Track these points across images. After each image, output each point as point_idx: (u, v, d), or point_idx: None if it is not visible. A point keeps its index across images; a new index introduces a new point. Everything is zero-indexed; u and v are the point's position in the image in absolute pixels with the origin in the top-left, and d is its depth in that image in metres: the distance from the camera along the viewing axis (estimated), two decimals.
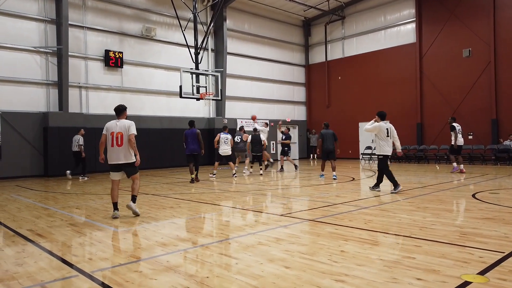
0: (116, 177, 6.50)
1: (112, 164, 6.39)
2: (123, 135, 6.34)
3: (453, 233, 4.80)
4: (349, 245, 4.37)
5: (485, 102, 17.71)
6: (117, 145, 6.31)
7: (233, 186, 10.92)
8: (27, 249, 4.57)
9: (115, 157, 6.34)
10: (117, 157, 6.33)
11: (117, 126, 6.39)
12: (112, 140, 6.33)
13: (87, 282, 3.42)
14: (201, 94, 15.77)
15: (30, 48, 14.91)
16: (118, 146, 6.32)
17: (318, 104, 25.02)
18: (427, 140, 19.67)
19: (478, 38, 17.84)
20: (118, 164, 6.37)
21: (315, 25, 25.17)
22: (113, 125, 6.42)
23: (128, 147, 6.36)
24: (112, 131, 6.36)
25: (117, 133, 6.33)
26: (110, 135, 6.35)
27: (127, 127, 6.38)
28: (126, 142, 6.34)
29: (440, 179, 11.22)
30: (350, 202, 7.49)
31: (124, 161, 6.36)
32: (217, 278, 3.43)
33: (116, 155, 6.33)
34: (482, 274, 3.34)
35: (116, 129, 6.36)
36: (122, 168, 6.44)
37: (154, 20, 18.46)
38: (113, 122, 6.47)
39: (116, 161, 6.34)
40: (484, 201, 7.25)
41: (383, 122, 9.06)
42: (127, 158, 6.37)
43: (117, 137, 6.32)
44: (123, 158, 6.34)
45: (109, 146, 6.36)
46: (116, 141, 6.32)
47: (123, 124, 6.41)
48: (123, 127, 6.38)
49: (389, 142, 8.98)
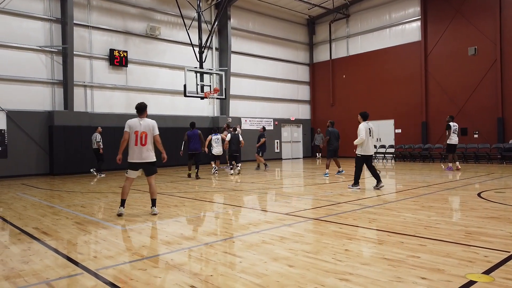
0: (133, 175, 6.49)
1: (132, 162, 6.37)
2: (147, 134, 6.34)
3: (458, 232, 4.77)
4: (353, 244, 4.36)
5: (491, 100, 17.59)
6: (141, 145, 6.30)
7: (237, 185, 10.92)
8: (32, 247, 4.61)
9: (137, 156, 6.32)
10: (139, 156, 6.31)
11: (141, 126, 6.36)
12: (136, 139, 6.30)
13: (92, 280, 3.43)
14: (205, 93, 15.79)
15: (36, 47, 15.00)
16: (142, 145, 6.30)
17: (323, 103, 24.96)
18: (432, 139, 19.57)
19: (484, 36, 17.71)
20: (139, 163, 6.37)
21: (320, 23, 25.10)
22: (137, 124, 6.37)
23: (151, 147, 6.39)
24: (136, 130, 6.32)
25: (142, 133, 6.31)
26: (134, 134, 6.30)
27: (151, 127, 6.40)
28: (150, 141, 6.37)
29: (445, 178, 11.17)
30: (354, 201, 7.47)
31: (146, 160, 6.37)
32: (221, 276, 3.44)
33: (139, 154, 6.31)
34: (487, 274, 3.32)
35: (141, 128, 6.33)
36: (141, 167, 6.44)
37: (158, 19, 18.50)
38: (136, 121, 6.40)
39: (138, 160, 6.33)
40: (489, 200, 7.21)
41: (366, 122, 9.18)
42: (149, 157, 6.40)
43: (141, 136, 6.30)
44: (145, 157, 6.35)
45: (132, 145, 6.32)
46: (140, 140, 6.30)
47: (147, 124, 6.40)
48: (147, 127, 6.37)
49: (371, 141, 9.20)
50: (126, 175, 6.50)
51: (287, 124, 24.29)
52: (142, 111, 6.50)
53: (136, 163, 6.38)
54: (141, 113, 6.49)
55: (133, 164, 6.39)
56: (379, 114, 21.62)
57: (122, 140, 6.38)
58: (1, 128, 14.11)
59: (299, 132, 25.06)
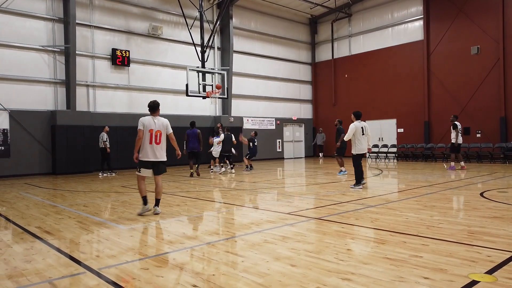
0: (146, 174, 6.39)
1: (146, 161, 6.29)
2: (162, 133, 6.31)
3: (460, 232, 4.76)
4: (356, 244, 4.35)
5: (494, 100, 17.52)
6: (156, 143, 6.26)
7: (239, 184, 10.93)
8: (35, 246, 4.62)
9: (151, 155, 6.26)
10: (153, 154, 6.26)
11: (156, 124, 6.30)
12: (151, 137, 6.23)
13: (95, 279, 3.44)
14: (207, 93, 15.80)
15: (38, 47, 15.04)
16: (157, 144, 6.26)
17: (325, 102, 24.94)
18: (434, 138, 19.53)
19: (487, 35, 17.65)
20: (151, 162, 6.30)
21: (322, 22, 25.07)
22: (151, 122, 6.30)
23: (164, 145, 6.36)
24: (151, 128, 6.25)
25: (156, 131, 6.27)
26: (149, 132, 6.23)
27: (165, 125, 6.39)
28: (164, 140, 6.34)
29: (448, 178, 11.14)
30: (356, 200, 7.46)
31: (160, 159, 6.33)
32: (223, 276, 3.44)
33: (153, 153, 6.26)
34: (490, 273, 3.31)
35: (155, 127, 6.28)
36: (153, 166, 6.36)
37: (160, 19, 18.51)
38: (150, 119, 6.34)
39: (152, 159, 6.27)
40: (492, 199, 7.19)
41: (358, 121, 9.33)
42: (162, 156, 6.37)
43: (156, 135, 6.25)
44: (159, 156, 6.31)
45: (146, 143, 6.24)
46: (155, 139, 6.25)
47: (161, 122, 6.37)
48: (161, 125, 6.34)
49: (364, 140, 9.32)
50: (138, 173, 6.39)
51: (289, 123, 24.28)
52: (155, 109, 6.45)
53: (149, 162, 6.30)
54: (154, 111, 6.43)
55: (146, 162, 6.30)
56: (381, 114, 21.59)
57: (137, 138, 6.27)
58: (4, 127, 14.16)
59: (301, 132, 25.04)
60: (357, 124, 9.24)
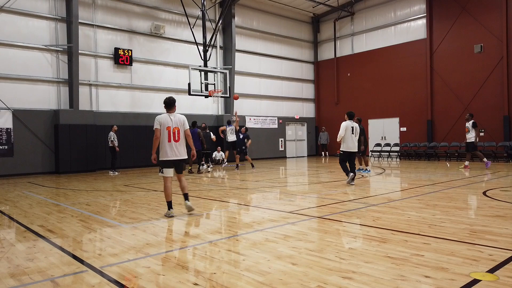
0: (170, 173, 6.17)
1: (167, 160, 6.07)
2: (180, 130, 6.10)
3: (462, 231, 4.75)
4: (357, 242, 4.35)
5: (497, 98, 17.45)
6: (175, 141, 6.04)
7: (241, 183, 10.94)
8: (38, 244, 4.64)
9: (172, 153, 6.04)
10: (175, 153, 6.05)
11: (172, 121, 6.09)
12: (169, 135, 6.02)
13: (97, 277, 3.46)
14: (209, 92, 15.82)
15: (41, 46, 15.09)
16: (176, 141, 6.05)
17: (327, 101, 24.90)
18: (437, 137, 19.47)
19: (490, 34, 17.56)
20: (173, 161, 6.08)
21: (324, 21, 25.02)
22: (168, 120, 6.09)
23: (184, 142, 6.16)
24: (168, 126, 6.04)
25: (174, 128, 6.06)
26: (166, 130, 6.03)
27: (182, 121, 6.18)
28: (183, 137, 6.15)
29: (450, 177, 11.10)
30: (358, 199, 7.46)
31: (181, 157, 6.11)
32: (225, 274, 3.45)
33: (173, 151, 6.04)
34: (492, 272, 3.30)
35: (173, 124, 6.07)
36: (175, 164, 6.16)
37: (163, 18, 18.53)
38: (167, 116, 6.13)
39: (174, 157, 6.05)
40: (495, 198, 7.16)
41: (350, 121, 9.79)
42: (183, 154, 6.16)
43: (174, 132, 6.04)
44: (181, 154, 6.10)
45: (165, 142, 6.03)
46: (174, 136, 6.04)
47: (178, 119, 6.16)
48: (178, 122, 6.13)
49: (354, 139, 9.68)
50: (161, 175, 6.16)
51: (292, 122, 24.25)
52: (171, 105, 6.23)
53: (170, 161, 6.07)
54: (170, 108, 6.21)
55: (167, 162, 6.08)
56: (384, 112, 21.54)
57: (154, 138, 6.08)
58: (7, 126, 14.22)
59: (303, 131, 25.02)
60: (348, 123, 9.71)
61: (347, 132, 9.59)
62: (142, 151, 16.99)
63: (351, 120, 9.80)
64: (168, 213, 6.17)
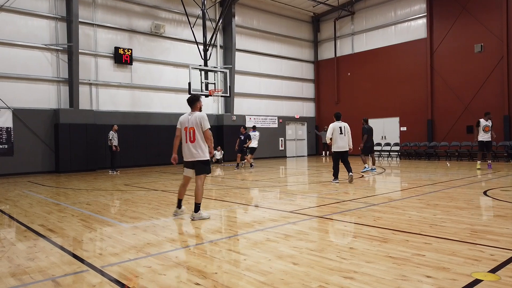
0: (188, 173, 5.95)
1: (184, 161, 5.92)
2: (195, 130, 5.74)
3: (463, 231, 4.74)
4: (358, 242, 4.35)
5: (497, 98, 17.44)
6: (190, 141, 5.76)
7: (242, 182, 10.93)
8: (38, 244, 4.64)
9: (187, 154, 5.80)
10: (189, 154, 5.78)
11: (189, 121, 5.81)
12: (186, 135, 5.79)
13: (98, 277, 3.45)
14: (210, 91, 15.80)
15: (41, 45, 15.08)
16: (191, 142, 5.76)
17: (327, 101, 24.90)
18: (437, 137, 19.46)
19: (491, 33, 17.56)
20: (190, 162, 5.84)
21: (324, 20, 25.00)
22: (186, 119, 5.86)
23: (201, 143, 5.76)
24: (186, 126, 5.82)
25: (190, 128, 5.76)
26: (184, 130, 5.83)
27: (198, 121, 5.76)
28: (199, 138, 5.75)
29: (451, 176, 11.10)
30: (359, 199, 7.45)
31: (196, 158, 5.76)
32: (225, 274, 3.44)
33: (188, 152, 5.79)
34: (493, 272, 3.29)
35: (189, 124, 5.79)
36: (192, 166, 5.86)
37: (163, 17, 18.51)
38: (186, 116, 5.90)
39: (189, 158, 5.80)
40: (495, 198, 7.16)
41: (337, 122, 10.07)
42: (199, 156, 5.76)
43: (189, 132, 5.76)
44: (195, 155, 5.76)
45: (183, 142, 5.86)
46: (189, 137, 5.76)
47: (195, 118, 5.79)
48: (194, 121, 5.77)
49: (343, 139, 9.88)
50: (183, 173, 6.03)
51: (292, 122, 24.25)
52: (192, 103, 5.94)
53: (188, 162, 5.86)
54: (192, 106, 5.94)
55: (186, 162, 5.90)
56: (384, 112, 21.54)
57: (175, 137, 5.97)
58: (8, 126, 14.22)
59: (303, 130, 25.02)
60: (336, 124, 9.99)
61: (335, 132, 9.87)
62: (142, 151, 17.00)
63: (338, 120, 10.11)
64: (175, 211, 6.14)
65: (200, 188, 5.79)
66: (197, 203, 5.80)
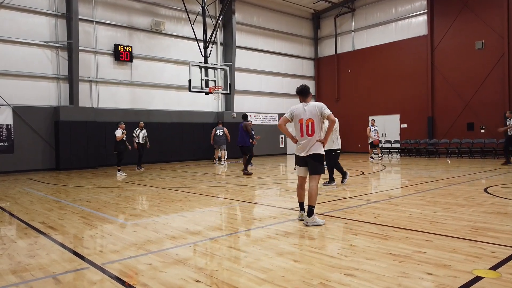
0: (300, 173, 5.40)
1: (297, 156, 5.35)
2: (314, 122, 5.15)
3: (464, 228, 4.74)
4: (359, 239, 4.35)
5: (498, 95, 17.41)
6: (308, 135, 5.16)
7: (242, 180, 10.93)
8: (39, 241, 4.64)
9: (302, 149, 5.21)
10: (304, 148, 5.18)
11: (306, 112, 5.19)
12: (301, 129, 5.19)
13: (98, 274, 3.45)
14: (210, 88, 15.78)
15: (41, 42, 15.05)
16: (309, 136, 5.16)
17: (328, 98, 24.83)
18: (438, 134, 19.45)
19: (491, 30, 17.50)
20: (303, 157, 5.25)
21: (325, 17, 24.94)
22: (301, 110, 5.22)
23: (317, 137, 5.19)
24: (301, 118, 5.20)
25: (307, 120, 5.16)
26: (299, 123, 5.22)
27: (318, 111, 5.15)
28: (319, 130, 5.19)
29: (451, 173, 11.10)
30: (359, 196, 7.45)
31: (312, 152, 5.15)
32: (226, 271, 3.44)
33: (303, 147, 5.19)
34: (494, 269, 3.29)
35: (306, 115, 5.19)
36: (306, 163, 5.24)
37: (163, 14, 18.46)
38: (300, 107, 5.26)
39: (303, 154, 5.21)
40: (496, 195, 7.16)
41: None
42: (316, 149, 5.16)
43: (307, 125, 5.16)
44: (311, 149, 5.15)
45: (298, 136, 5.28)
46: (307, 130, 5.16)
47: (314, 108, 5.17)
48: (314, 112, 5.16)
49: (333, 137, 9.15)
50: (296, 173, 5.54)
51: None
52: (305, 93, 5.33)
53: (300, 157, 5.29)
54: (305, 97, 5.33)
55: (298, 158, 5.34)
56: (384, 109, 21.52)
57: (278, 125, 5.45)
58: (8, 123, 14.21)
59: None
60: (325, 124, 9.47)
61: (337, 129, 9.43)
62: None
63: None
64: (298, 215, 5.58)
65: (314, 189, 5.18)
66: (311, 206, 5.16)
